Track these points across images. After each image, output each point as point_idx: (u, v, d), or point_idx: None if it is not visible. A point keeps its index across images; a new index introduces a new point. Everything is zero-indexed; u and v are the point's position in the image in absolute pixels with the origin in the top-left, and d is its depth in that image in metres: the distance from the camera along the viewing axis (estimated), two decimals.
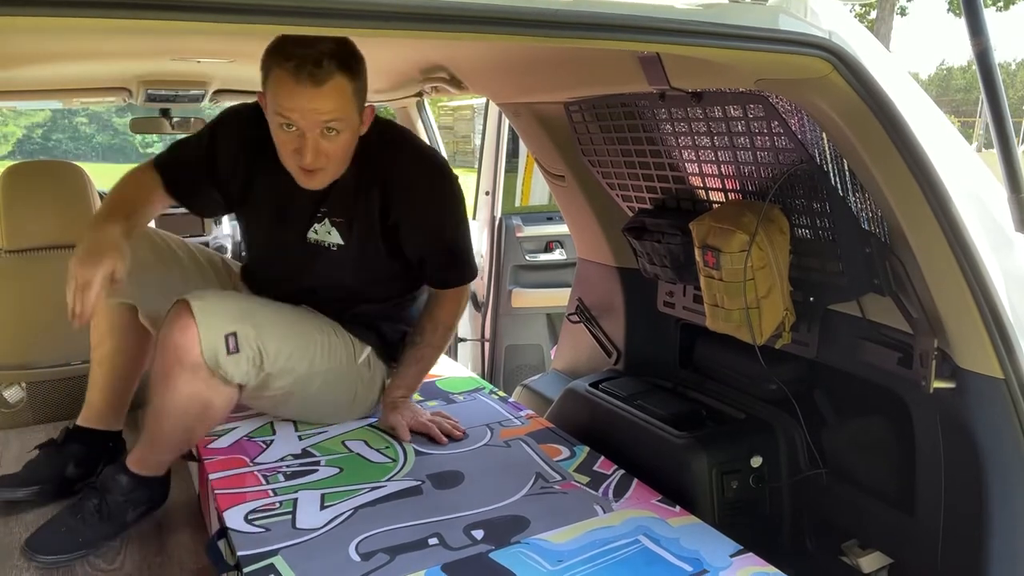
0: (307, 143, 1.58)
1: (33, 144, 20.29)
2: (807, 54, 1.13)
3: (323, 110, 1.55)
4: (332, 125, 1.58)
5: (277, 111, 1.57)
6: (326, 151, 1.61)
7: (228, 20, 0.86)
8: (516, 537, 1.43)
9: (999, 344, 1.23)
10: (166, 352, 1.58)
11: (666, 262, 1.85)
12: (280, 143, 1.63)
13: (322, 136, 1.59)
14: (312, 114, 1.55)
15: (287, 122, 1.58)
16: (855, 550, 1.63)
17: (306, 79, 1.51)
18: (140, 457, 1.70)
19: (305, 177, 1.66)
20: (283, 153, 1.64)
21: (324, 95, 1.53)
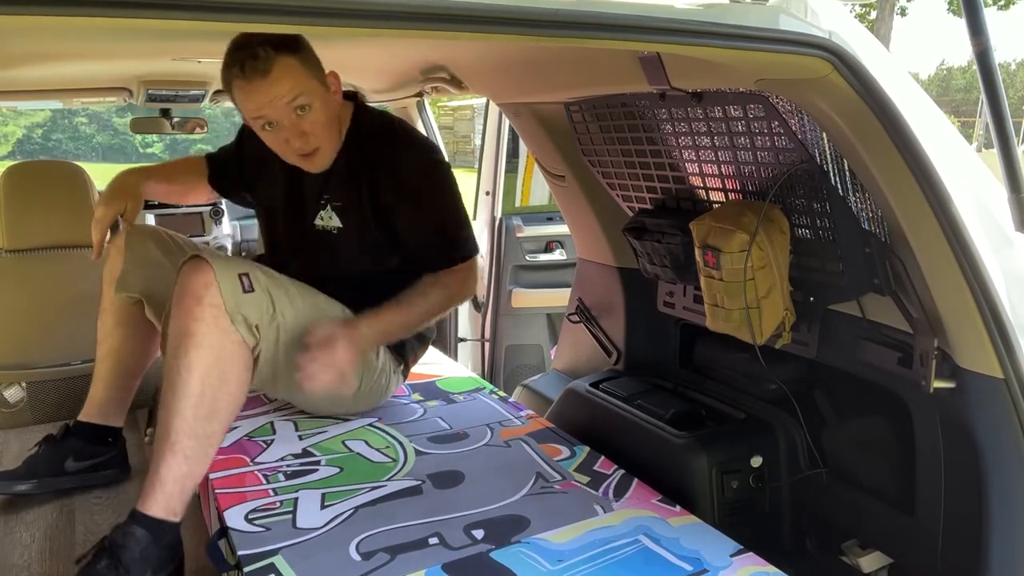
0: (288, 131, 1.67)
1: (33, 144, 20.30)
2: (807, 54, 1.13)
3: (281, 94, 1.62)
4: (298, 103, 1.65)
5: (251, 117, 1.68)
6: (308, 129, 1.69)
7: (229, 20, 0.86)
8: (516, 537, 1.43)
9: (999, 344, 1.23)
10: (184, 298, 1.55)
11: (666, 262, 1.85)
12: (271, 144, 1.74)
13: (297, 118, 1.66)
14: (275, 103, 1.63)
15: (263, 122, 1.67)
16: (855, 550, 1.63)
17: (254, 75, 1.60)
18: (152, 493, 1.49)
19: (306, 162, 1.76)
20: (279, 151, 1.75)
21: (275, 80, 1.61)
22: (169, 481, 1.47)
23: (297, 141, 1.69)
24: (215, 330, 1.55)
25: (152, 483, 1.48)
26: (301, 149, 1.71)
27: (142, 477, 1.98)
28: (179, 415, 1.50)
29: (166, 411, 1.51)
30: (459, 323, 3.35)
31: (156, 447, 1.51)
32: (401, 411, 2.03)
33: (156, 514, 1.46)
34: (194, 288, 1.55)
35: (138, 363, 1.95)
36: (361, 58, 2.50)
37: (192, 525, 1.76)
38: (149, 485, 1.48)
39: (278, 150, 1.75)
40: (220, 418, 1.56)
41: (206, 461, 1.55)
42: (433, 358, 2.49)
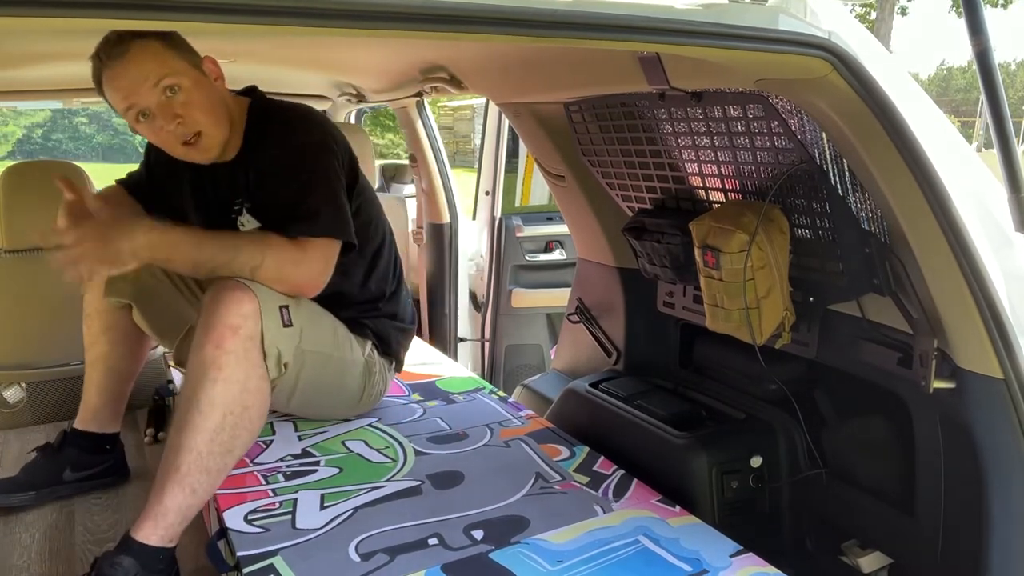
0: (161, 116, 1.55)
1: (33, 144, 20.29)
2: (807, 54, 1.13)
3: (143, 75, 1.52)
4: (166, 83, 1.53)
5: (122, 110, 1.56)
6: (180, 111, 1.55)
7: (228, 21, 0.86)
8: (516, 537, 1.43)
9: (999, 344, 1.23)
10: (216, 326, 1.46)
11: (666, 262, 1.85)
12: (151, 138, 1.61)
13: (167, 99, 1.54)
14: (140, 87, 1.52)
15: (136, 112, 1.55)
16: (855, 550, 1.62)
17: (112, 61, 1.51)
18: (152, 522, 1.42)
19: (192, 152, 1.61)
20: (161, 144, 1.61)
21: (133, 61, 1.51)
22: (172, 512, 1.42)
23: (171, 124, 1.55)
24: (244, 364, 1.48)
25: (154, 513, 1.41)
26: (181, 135, 1.56)
27: (142, 478, 1.98)
28: (194, 450, 1.43)
29: (179, 442, 1.43)
30: (459, 323, 3.35)
31: (163, 475, 1.43)
32: (401, 411, 2.03)
33: (153, 543, 1.41)
34: (230, 318, 1.47)
35: (129, 368, 1.92)
36: (361, 58, 2.50)
37: (192, 525, 1.76)
38: (151, 514, 1.42)
39: (160, 142, 1.61)
40: (236, 454, 1.51)
41: (212, 490, 1.50)
42: (433, 358, 2.49)
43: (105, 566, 1.38)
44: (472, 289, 3.40)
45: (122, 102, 1.55)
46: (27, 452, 1.93)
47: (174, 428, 1.46)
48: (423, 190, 3.31)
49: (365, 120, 5.05)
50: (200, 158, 1.64)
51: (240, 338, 1.47)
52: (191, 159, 1.64)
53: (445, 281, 3.32)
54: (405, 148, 3.55)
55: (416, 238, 3.29)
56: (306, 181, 1.64)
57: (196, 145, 1.60)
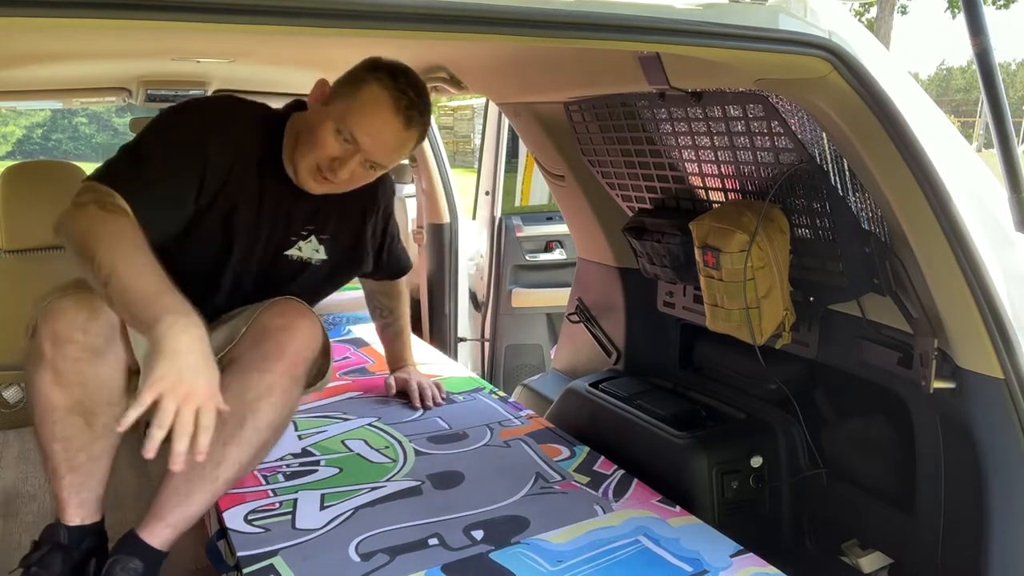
0: (352, 161, 1.54)
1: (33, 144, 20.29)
2: (807, 54, 1.13)
3: (393, 150, 1.57)
4: (383, 165, 1.59)
5: (347, 121, 1.51)
6: (357, 177, 1.59)
7: (229, 21, 0.86)
8: (516, 537, 1.43)
9: (999, 344, 1.23)
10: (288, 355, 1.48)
11: (666, 262, 1.85)
12: (321, 143, 1.53)
13: (364, 165, 1.57)
14: (382, 146, 1.54)
15: (348, 138, 1.52)
16: (855, 550, 1.63)
17: (403, 115, 1.52)
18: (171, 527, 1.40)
19: (315, 182, 1.59)
20: (312, 153, 1.55)
21: (404, 139, 1.55)
22: (193, 520, 1.42)
23: (345, 173, 1.55)
24: (298, 391, 1.54)
25: (176, 519, 1.39)
26: (336, 177, 1.56)
27: (142, 478, 1.98)
28: (238, 464, 1.45)
29: (224, 455, 1.40)
30: (459, 323, 3.35)
31: (192, 482, 1.40)
32: (401, 411, 2.03)
33: (156, 545, 1.39)
34: (305, 350, 1.52)
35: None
36: (360, 58, 2.50)
37: (192, 526, 1.76)
38: (171, 519, 1.39)
39: (316, 151, 1.54)
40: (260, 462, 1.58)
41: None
42: (433, 358, 2.49)
43: (117, 569, 1.35)
44: (472, 289, 3.40)
45: (362, 131, 1.51)
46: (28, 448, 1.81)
47: (224, 449, 1.41)
48: (423, 190, 3.31)
49: None
50: (314, 191, 1.62)
51: (304, 367, 1.53)
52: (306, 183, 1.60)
53: (445, 281, 3.32)
54: None
55: (416, 238, 3.29)
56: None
57: (323, 186, 1.60)
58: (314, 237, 1.73)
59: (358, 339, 2.64)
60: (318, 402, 2.07)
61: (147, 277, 1.27)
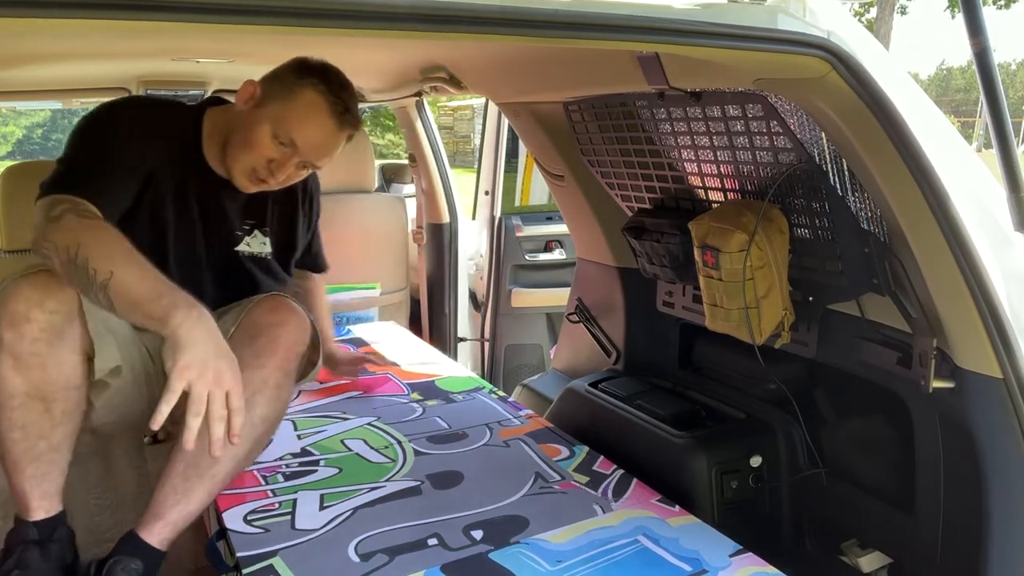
0: (290, 164, 1.61)
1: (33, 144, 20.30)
2: (806, 54, 1.13)
3: (329, 152, 1.64)
4: (315, 166, 1.66)
5: (285, 127, 1.56)
6: (291, 179, 1.67)
7: (228, 22, 0.86)
8: (515, 537, 1.43)
9: (998, 344, 1.23)
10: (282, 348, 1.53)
11: (665, 262, 1.85)
12: (258, 146, 1.58)
13: (300, 167, 1.64)
14: (319, 149, 1.61)
15: (286, 143, 1.58)
16: (855, 550, 1.63)
17: (337, 119, 1.58)
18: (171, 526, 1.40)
19: (251, 182, 1.64)
20: (251, 154, 1.59)
21: (339, 141, 1.64)
22: (192, 517, 1.43)
23: (283, 176, 1.62)
24: (292, 383, 1.57)
25: (176, 517, 1.40)
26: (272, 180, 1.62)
27: (142, 478, 1.97)
28: (235, 459, 1.46)
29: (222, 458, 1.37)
30: (459, 323, 3.35)
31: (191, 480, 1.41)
32: (400, 410, 2.03)
33: (155, 544, 1.39)
34: (297, 344, 1.56)
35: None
36: (360, 58, 2.50)
37: (192, 526, 1.76)
38: (171, 518, 1.39)
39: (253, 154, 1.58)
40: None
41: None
42: (432, 358, 2.49)
43: (118, 570, 1.34)
44: (472, 289, 3.40)
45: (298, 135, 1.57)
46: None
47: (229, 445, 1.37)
48: (423, 190, 3.31)
49: (365, 120, 5.05)
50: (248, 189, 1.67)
51: (296, 361, 1.56)
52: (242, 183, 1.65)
53: (445, 281, 3.32)
54: (405, 148, 3.55)
55: (416, 238, 3.30)
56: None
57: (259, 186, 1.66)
58: (258, 231, 1.79)
59: (358, 339, 2.64)
60: (317, 402, 2.07)
61: (148, 276, 1.32)
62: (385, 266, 3.07)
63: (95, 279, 1.29)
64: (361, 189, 2.95)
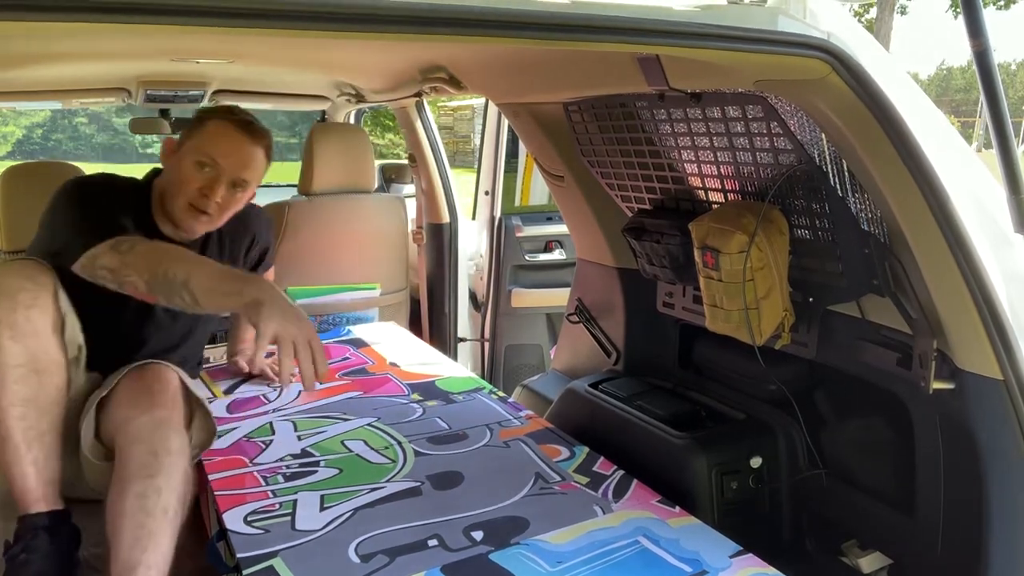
0: (220, 184, 1.75)
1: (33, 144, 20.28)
2: (806, 55, 1.13)
3: (248, 163, 1.78)
4: (244, 180, 1.78)
5: (202, 150, 1.74)
6: (227, 201, 1.79)
7: (229, 24, 0.87)
8: (516, 538, 1.43)
9: (998, 345, 1.23)
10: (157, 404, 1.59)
11: (665, 263, 1.85)
12: (187, 180, 1.75)
13: (229, 187, 1.77)
14: (238, 161, 1.76)
15: (207, 163, 1.74)
16: (855, 550, 1.63)
17: (247, 134, 1.77)
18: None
19: (194, 219, 1.78)
20: (182, 191, 1.75)
21: (254, 151, 1.79)
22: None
23: (218, 195, 1.75)
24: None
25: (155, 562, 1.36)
26: (209, 206, 1.75)
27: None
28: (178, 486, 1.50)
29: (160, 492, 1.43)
30: (459, 323, 3.35)
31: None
32: (400, 411, 2.03)
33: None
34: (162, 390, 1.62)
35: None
36: (360, 58, 2.50)
37: (192, 526, 1.76)
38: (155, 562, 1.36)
39: (184, 190, 1.75)
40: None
41: None
42: (432, 358, 2.49)
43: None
44: (472, 289, 3.40)
45: (214, 153, 1.74)
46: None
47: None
48: (423, 190, 3.31)
49: (365, 120, 5.05)
50: (194, 230, 1.83)
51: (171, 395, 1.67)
52: (185, 224, 1.80)
53: (445, 281, 3.32)
54: (405, 148, 3.56)
55: (416, 238, 3.29)
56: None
57: (201, 219, 1.79)
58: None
59: (358, 339, 2.64)
60: (317, 402, 2.07)
61: (216, 267, 1.57)
62: (385, 266, 3.07)
63: (177, 280, 1.49)
64: (361, 189, 2.94)
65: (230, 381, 2.20)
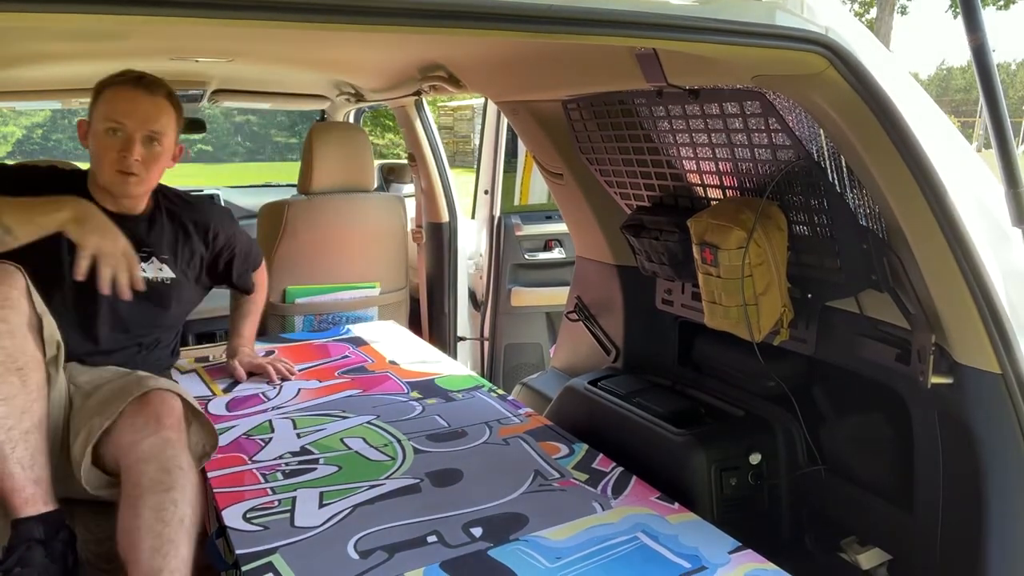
0: (133, 143, 1.77)
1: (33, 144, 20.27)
2: (804, 50, 1.13)
3: (152, 115, 1.80)
4: (155, 133, 1.80)
5: (107, 117, 1.78)
6: (146, 157, 1.81)
7: (227, 18, 0.87)
8: (515, 535, 1.43)
9: (997, 339, 1.23)
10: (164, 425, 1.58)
11: (664, 259, 1.85)
12: (103, 149, 1.79)
13: (145, 143, 1.80)
14: (143, 116, 1.79)
15: (115, 127, 1.77)
16: (854, 546, 1.63)
17: (142, 89, 1.80)
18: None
19: (122, 181, 1.81)
20: (104, 161, 1.79)
21: (155, 104, 1.81)
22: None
23: (134, 152, 1.77)
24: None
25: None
26: (130, 166, 1.78)
27: None
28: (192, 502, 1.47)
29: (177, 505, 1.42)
30: (458, 322, 3.35)
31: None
32: (399, 408, 2.03)
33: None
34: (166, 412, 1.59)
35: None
36: (359, 56, 2.50)
37: None
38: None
39: (104, 159, 1.79)
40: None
41: None
42: (432, 356, 2.49)
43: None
44: (471, 288, 3.40)
45: (117, 115, 1.78)
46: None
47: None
48: (422, 190, 3.31)
49: (365, 120, 5.05)
50: (126, 191, 1.85)
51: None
52: (116, 187, 1.83)
53: (444, 280, 3.32)
54: (404, 148, 3.56)
55: (415, 237, 3.30)
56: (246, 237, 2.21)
57: (129, 179, 1.81)
58: (154, 258, 1.95)
59: (358, 338, 2.64)
60: (317, 400, 2.07)
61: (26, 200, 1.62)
62: (385, 265, 3.07)
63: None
64: (361, 188, 2.95)
65: (229, 379, 2.20)
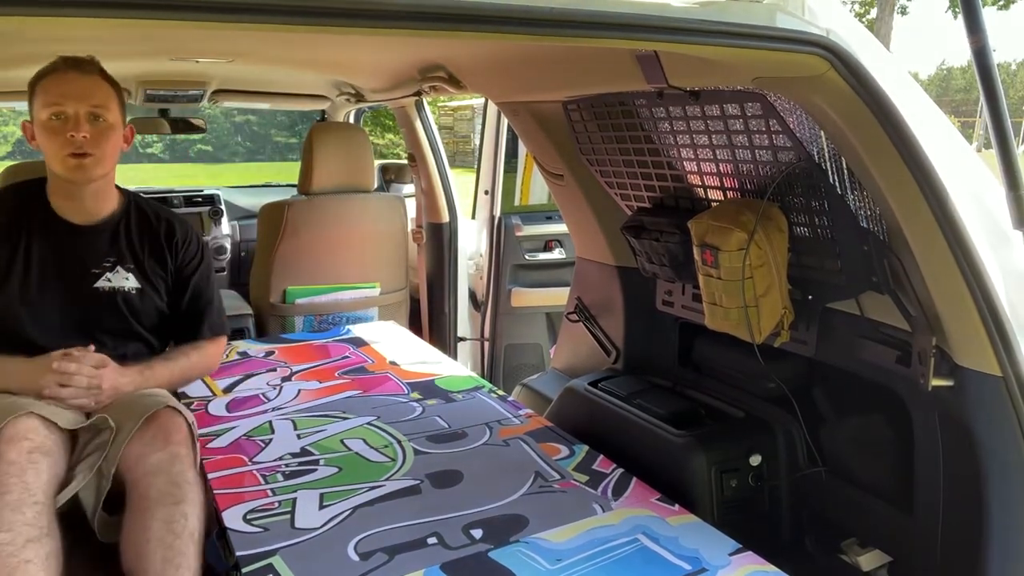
0: (78, 121, 1.70)
1: None
2: (804, 52, 1.13)
3: (89, 91, 1.73)
4: (97, 107, 1.73)
5: (46, 105, 1.71)
6: (96, 135, 1.73)
7: (228, 20, 0.87)
8: (515, 536, 1.43)
9: (997, 342, 1.23)
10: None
11: (665, 261, 1.85)
12: (51, 137, 1.71)
13: (89, 119, 1.71)
14: (80, 94, 1.71)
15: (57, 111, 1.70)
16: (854, 548, 1.62)
17: (72, 69, 1.73)
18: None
19: (77, 164, 1.72)
20: (54, 150, 1.72)
21: (90, 82, 1.74)
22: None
23: (82, 131, 1.70)
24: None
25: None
26: (80, 146, 1.70)
27: None
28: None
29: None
30: (458, 322, 3.35)
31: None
32: (400, 409, 2.03)
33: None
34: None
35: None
36: (359, 57, 2.50)
37: None
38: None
39: (54, 147, 1.71)
40: None
41: None
42: (432, 357, 2.49)
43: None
44: (472, 288, 3.40)
45: (54, 99, 1.71)
46: None
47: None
48: (422, 190, 3.31)
49: (365, 120, 5.05)
50: (81, 176, 1.75)
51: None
52: (70, 172, 1.74)
53: (444, 281, 3.32)
54: (404, 148, 3.56)
55: (415, 238, 3.30)
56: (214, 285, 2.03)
57: (83, 161, 1.72)
58: (120, 267, 1.86)
59: (358, 339, 2.64)
60: (317, 401, 2.07)
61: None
62: (385, 266, 3.07)
63: None
64: (361, 188, 2.95)
65: (229, 380, 2.20)
